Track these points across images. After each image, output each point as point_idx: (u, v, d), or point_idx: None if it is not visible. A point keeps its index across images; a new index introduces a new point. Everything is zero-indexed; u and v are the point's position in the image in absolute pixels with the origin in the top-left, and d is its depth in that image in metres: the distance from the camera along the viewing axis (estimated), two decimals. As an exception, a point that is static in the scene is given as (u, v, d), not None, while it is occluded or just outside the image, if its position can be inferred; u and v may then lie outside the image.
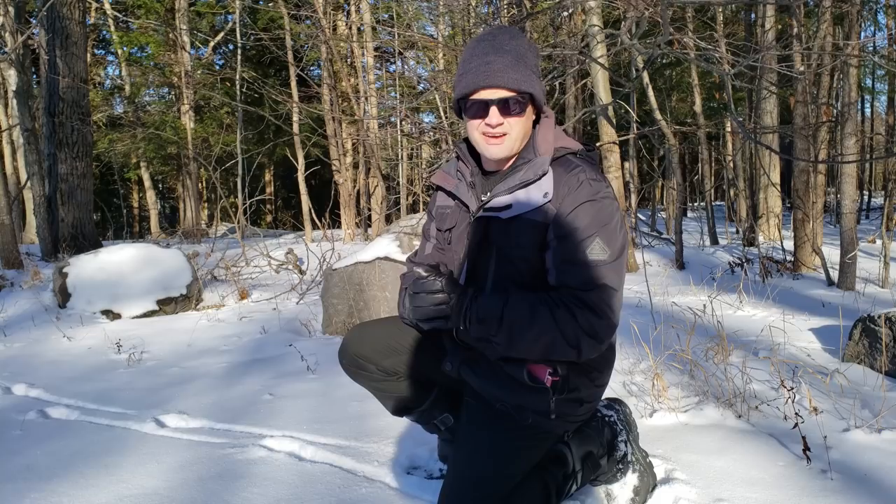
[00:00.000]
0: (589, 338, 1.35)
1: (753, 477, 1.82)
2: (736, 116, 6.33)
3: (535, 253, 1.44)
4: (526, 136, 1.50)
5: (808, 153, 5.63)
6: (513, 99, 1.42)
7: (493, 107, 1.42)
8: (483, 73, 1.41)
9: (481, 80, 1.41)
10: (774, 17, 7.81)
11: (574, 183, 1.42)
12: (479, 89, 1.42)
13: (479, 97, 1.43)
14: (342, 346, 1.70)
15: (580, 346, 1.35)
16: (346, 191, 10.96)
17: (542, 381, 1.44)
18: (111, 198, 20.75)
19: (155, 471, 2.04)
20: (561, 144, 1.51)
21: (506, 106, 1.42)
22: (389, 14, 13.82)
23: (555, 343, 1.35)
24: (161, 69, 16.24)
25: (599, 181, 1.43)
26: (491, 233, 1.49)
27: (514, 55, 1.42)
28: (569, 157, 1.49)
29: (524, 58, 1.44)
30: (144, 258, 5.01)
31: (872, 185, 18.24)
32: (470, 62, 1.45)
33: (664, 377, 2.49)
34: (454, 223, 1.60)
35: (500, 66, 1.41)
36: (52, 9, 7.82)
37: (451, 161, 1.68)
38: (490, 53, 1.42)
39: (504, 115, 1.43)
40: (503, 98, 1.41)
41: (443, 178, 1.65)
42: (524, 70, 1.43)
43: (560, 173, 1.45)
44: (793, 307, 4.05)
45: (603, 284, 1.36)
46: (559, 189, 1.42)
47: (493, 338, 1.38)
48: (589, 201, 1.40)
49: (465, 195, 1.57)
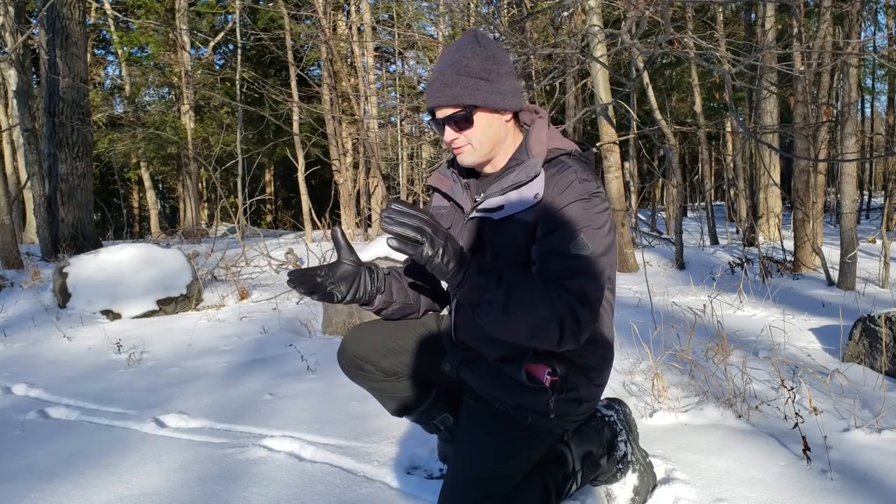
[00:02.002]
0: (573, 320, 1.30)
1: (753, 477, 1.82)
2: (737, 115, 6.32)
3: (525, 253, 1.44)
4: (494, 140, 1.51)
5: (808, 153, 5.63)
6: (456, 115, 1.45)
7: (446, 125, 1.47)
8: (431, 93, 1.48)
9: (430, 101, 1.48)
10: (774, 17, 7.82)
11: (564, 183, 1.42)
12: (433, 109, 1.49)
13: (437, 115, 1.49)
14: (341, 348, 1.70)
15: (563, 327, 1.29)
16: (346, 191, 10.96)
17: (540, 380, 1.45)
18: (111, 198, 20.75)
19: (155, 471, 2.04)
20: (555, 145, 1.51)
21: (454, 122, 1.46)
22: (389, 14, 13.82)
23: (545, 319, 1.29)
24: (161, 69, 16.24)
25: (590, 181, 1.43)
26: (484, 233, 1.50)
27: (455, 70, 1.44)
28: (562, 158, 1.49)
29: (466, 69, 1.44)
30: (144, 258, 5.01)
31: (872, 185, 18.22)
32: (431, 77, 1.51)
33: (664, 377, 2.49)
34: (450, 224, 1.60)
35: (438, 85, 1.45)
36: (52, 9, 7.82)
37: (447, 163, 1.69)
38: (436, 72, 1.48)
39: (456, 129, 1.47)
40: (449, 116, 1.46)
41: (439, 179, 1.66)
42: (465, 82, 1.43)
43: (552, 174, 1.45)
44: (793, 307, 4.05)
45: (584, 275, 1.35)
46: (549, 189, 1.43)
47: (487, 294, 1.28)
48: (577, 200, 1.40)
49: (459, 196, 1.58)
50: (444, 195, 1.65)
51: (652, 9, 5.36)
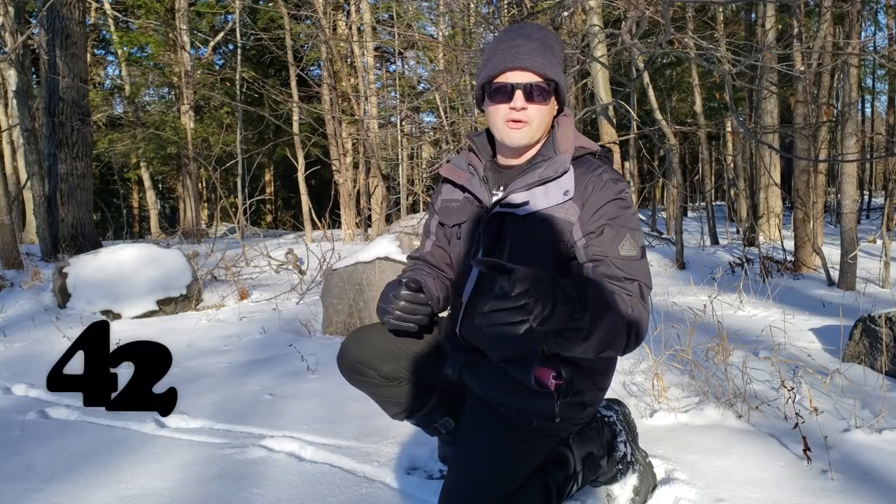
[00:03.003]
0: (638, 326, 1.29)
1: (754, 477, 1.82)
2: (737, 115, 6.32)
3: (549, 250, 1.42)
4: (546, 128, 1.49)
5: (808, 153, 5.63)
6: (538, 85, 1.41)
7: (518, 90, 1.41)
8: (511, 55, 1.41)
9: (508, 62, 1.41)
10: (775, 17, 7.81)
11: (598, 182, 1.41)
12: (506, 70, 1.42)
13: (505, 80, 1.42)
14: (341, 353, 1.66)
15: (630, 333, 1.27)
16: (346, 191, 10.95)
17: (546, 384, 1.43)
18: (111, 198, 20.74)
19: (155, 471, 2.04)
20: (580, 144, 1.51)
21: (530, 91, 1.42)
22: (389, 14, 13.82)
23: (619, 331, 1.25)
24: (161, 69, 16.23)
25: (621, 181, 1.44)
26: (506, 228, 1.47)
27: (542, 43, 1.43)
28: (588, 157, 1.49)
29: (552, 47, 1.44)
30: (144, 258, 5.00)
31: (873, 185, 18.21)
32: (497, 47, 1.45)
33: (664, 377, 2.49)
34: (464, 218, 1.57)
35: (528, 50, 1.41)
36: (52, 9, 7.82)
37: (461, 155, 1.65)
38: (518, 38, 1.43)
39: (528, 100, 1.42)
40: (528, 83, 1.41)
41: (452, 171, 1.62)
42: (551, 58, 1.43)
43: (582, 172, 1.44)
44: (793, 307, 4.05)
45: (640, 275, 1.35)
46: (582, 187, 1.41)
47: (574, 323, 1.17)
48: (614, 199, 1.39)
49: (478, 189, 1.54)
50: (459, 187, 1.61)
51: (652, 9, 5.35)
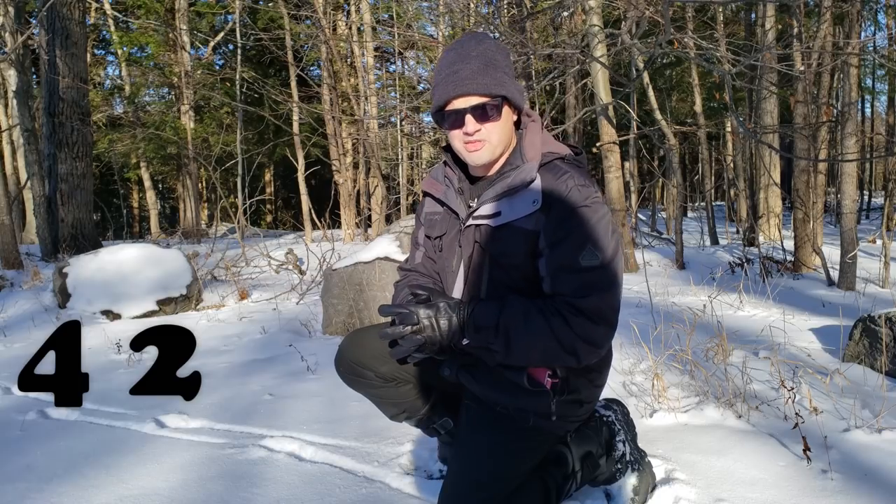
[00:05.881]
0: (586, 344, 1.34)
1: (754, 477, 1.82)
2: (737, 115, 6.32)
3: (525, 260, 1.43)
4: (508, 138, 1.49)
5: (808, 153, 5.63)
6: (486, 104, 1.41)
7: (468, 115, 1.41)
8: (452, 84, 1.40)
9: (451, 91, 1.41)
10: (774, 17, 7.81)
11: (563, 189, 1.41)
12: (452, 99, 1.41)
13: (453, 107, 1.42)
14: (339, 354, 1.66)
15: (577, 352, 1.35)
16: (346, 191, 10.95)
17: (541, 383, 1.44)
18: (111, 198, 20.74)
19: (155, 471, 2.04)
20: (548, 149, 1.49)
21: (480, 112, 1.41)
22: (389, 14, 13.82)
23: (551, 350, 1.35)
24: (161, 69, 16.22)
25: (588, 186, 1.42)
26: (483, 240, 1.48)
27: (482, 60, 1.41)
28: (556, 163, 1.47)
29: (493, 61, 1.42)
30: (144, 258, 5.00)
31: (872, 185, 18.21)
32: (440, 74, 1.44)
33: (664, 377, 2.49)
34: (444, 230, 1.58)
35: (468, 73, 1.40)
36: (52, 9, 7.82)
37: (438, 167, 1.66)
38: (457, 62, 1.41)
39: (480, 121, 1.42)
40: (476, 105, 1.40)
41: (431, 184, 1.63)
42: (494, 73, 1.41)
43: (549, 179, 1.43)
44: (793, 307, 4.05)
45: (597, 290, 1.35)
46: (548, 196, 1.41)
47: (491, 346, 1.38)
48: (578, 207, 1.39)
49: (453, 202, 1.56)
50: (437, 201, 1.62)
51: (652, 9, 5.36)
